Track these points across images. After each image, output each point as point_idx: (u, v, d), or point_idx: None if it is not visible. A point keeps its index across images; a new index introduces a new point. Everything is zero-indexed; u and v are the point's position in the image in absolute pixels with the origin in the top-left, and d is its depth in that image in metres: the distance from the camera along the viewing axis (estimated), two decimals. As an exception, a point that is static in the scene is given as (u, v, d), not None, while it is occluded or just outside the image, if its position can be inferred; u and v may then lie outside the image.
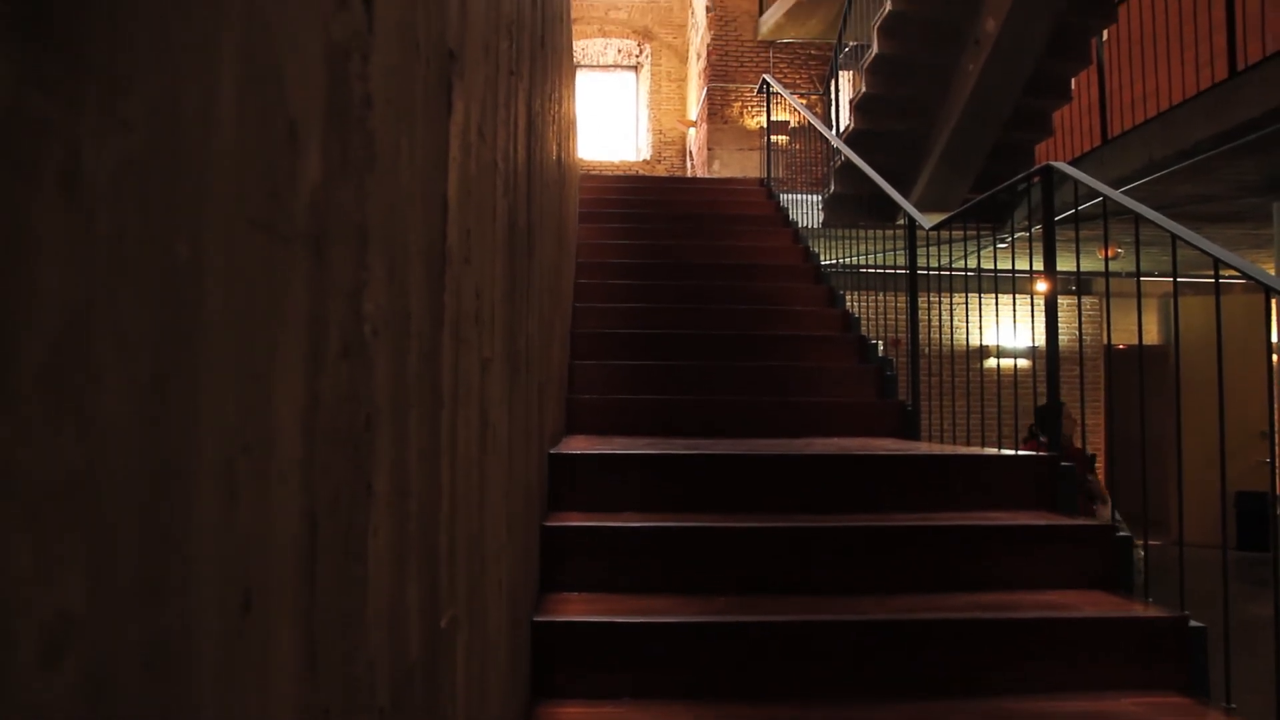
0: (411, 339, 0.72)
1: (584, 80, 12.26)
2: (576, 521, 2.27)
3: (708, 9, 10.90)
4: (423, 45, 0.73)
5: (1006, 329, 7.32)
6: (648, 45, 12.33)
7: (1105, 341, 8.63)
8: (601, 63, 12.60)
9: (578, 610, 2.01)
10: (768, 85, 6.86)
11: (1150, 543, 2.53)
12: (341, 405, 0.53)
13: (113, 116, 0.28)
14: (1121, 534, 2.31)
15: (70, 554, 0.27)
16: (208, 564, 0.36)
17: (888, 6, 5.73)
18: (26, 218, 0.25)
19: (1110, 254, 7.61)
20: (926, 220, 3.87)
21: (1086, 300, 9.49)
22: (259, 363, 0.41)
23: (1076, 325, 3.82)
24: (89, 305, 0.27)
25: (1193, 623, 1.99)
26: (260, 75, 0.40)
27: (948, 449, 3.09)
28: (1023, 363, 8.80)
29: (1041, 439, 4.25)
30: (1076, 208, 2.88)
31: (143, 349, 0.31)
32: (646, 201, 5.95)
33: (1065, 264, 3.08)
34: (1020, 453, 2.82)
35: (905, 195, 5.98)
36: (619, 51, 12.54)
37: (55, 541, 0.26)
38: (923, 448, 3.10)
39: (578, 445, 2.80)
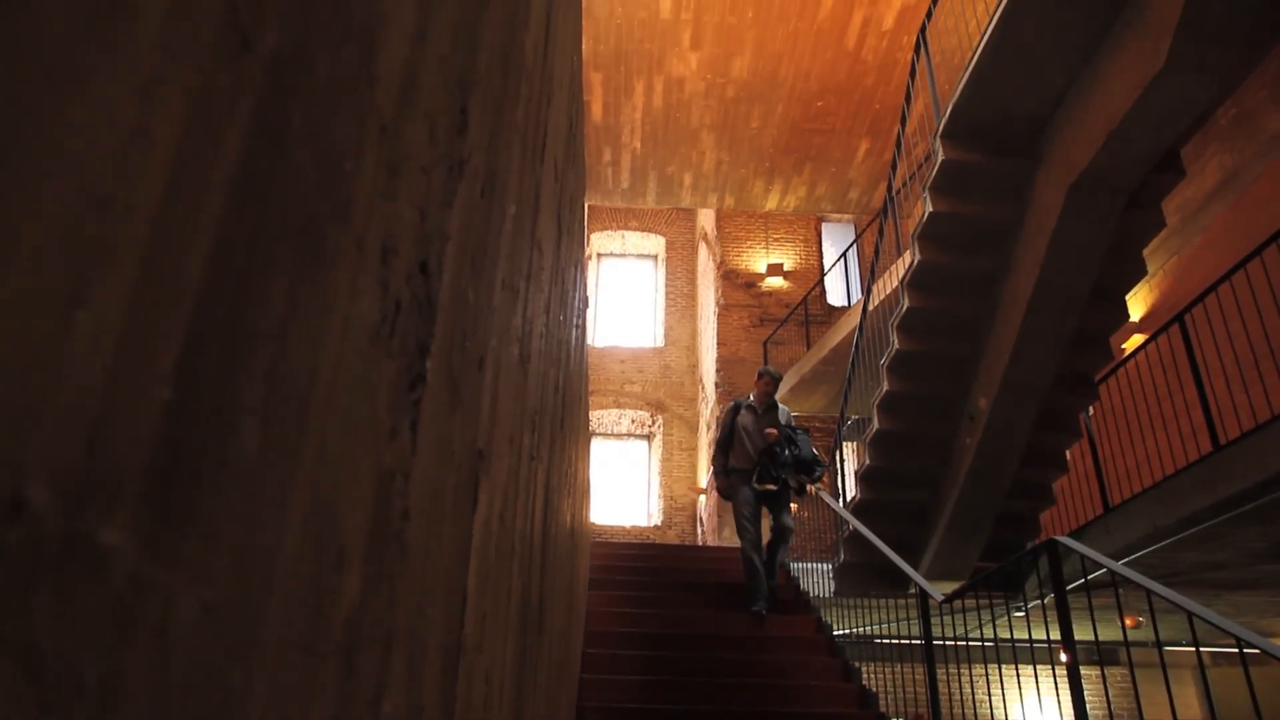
0: (422, 737, 0.72)
1: (598, 447, 12.75)
2: None
3: (716, 385, 11.62)
4: (456, 453, 0.80)
5: (1031, 701, 6.93)
6: (660, 416, 12.98)
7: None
8: (616, 431, 13.18)
9: None
10: (773, 455, 7.12)
11: None
12: (352, 819, 0.53)
13: (203, 570, 0.33)
14: None
15: None
16: None
17: (885, 386, 6.11)
18: (121, 670, 0.28)
19: (1131, 623, 7.40)
20: (938, 590, 3.83)
21: (1116, 670, 9.06)
22: (284, 783, 0.42)
23: (1104, 699, 3.61)
24: (153, 744, 0.30)
25: None
26: (320, 510, 0.45)
27: None
28: (1059, 742, 8.20)
29: None
30: (1086, 577, 2.88)
31: (190, 783, 0.33)
32: (657, 569, 5.95)
33: (1085, 632, 3.02)
34: None
35: (915, 563, 5.97)
36: (633, 422, 13.17)
37: None
38: (959, 846, 2.83)
39: (581, 840, 2.57)
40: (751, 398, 5.92)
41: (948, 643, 3.96)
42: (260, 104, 0.36)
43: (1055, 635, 2.93)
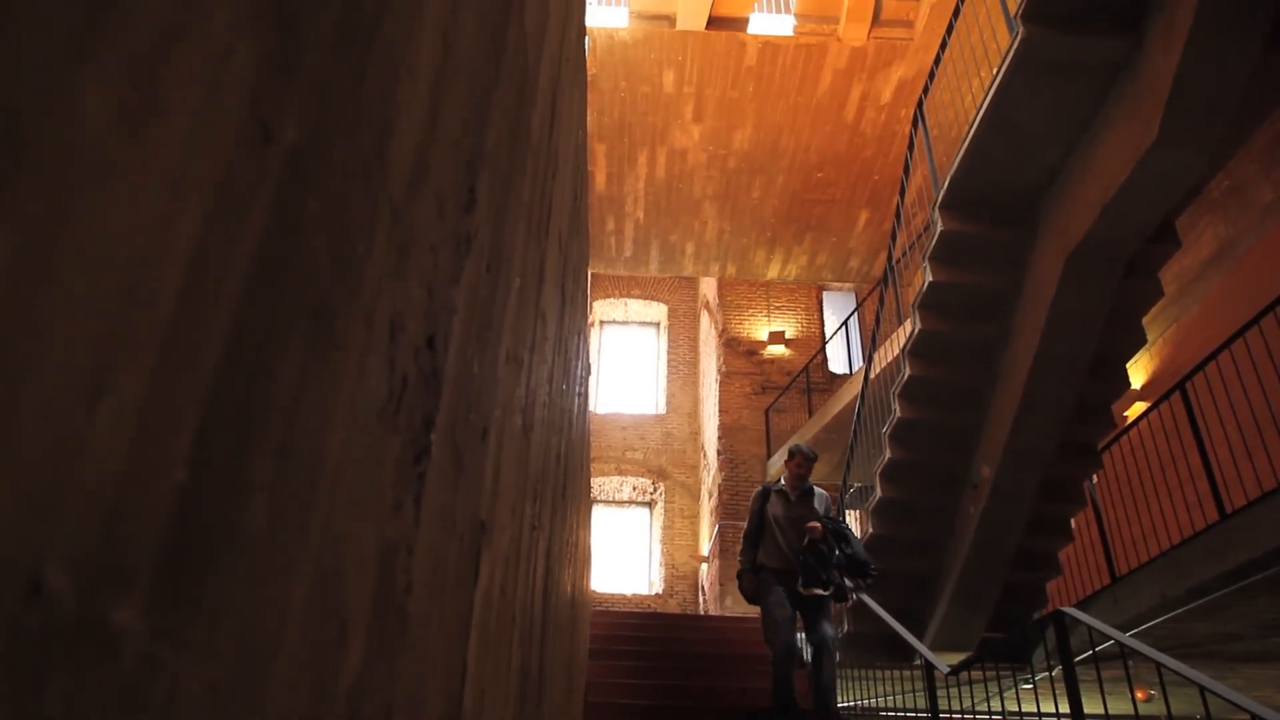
0: (420, 817, 0.71)
1: (599, 514, 12.65)
2: None
3: (719, 452, 11.58)
4: (459, 523, 0.81)
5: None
6: (661, 484, 12.90)
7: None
8: (617, 498, 13.10)
9: None
10: (776, 523, 7.06)
11: None
12: None
13: (209, 649, 0.33)
14: None
15: None
16: None
17: (887, 454, 6.09)
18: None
19: (1143, 696, 7.25)
20: (944, 662, 3.77)
21: (1129, 748, 8.85)
22: None
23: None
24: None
25: None
26: (324, 585, 0.46)
27: None
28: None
29: None
30: (1094, 649, 2.83)
31: None
32: (658, 639, 5.86)
33: (1095, 705, 2.96)
34: None
35: (920, 633, 5.88)
36: (634, 489, 13.09)
37: None
38: None
39: None
40: (782, 481, 5.10)
41: (954, 715, 3.88)
42: (279, 192, 0.37)
43: (1064, 708, 2.88)
